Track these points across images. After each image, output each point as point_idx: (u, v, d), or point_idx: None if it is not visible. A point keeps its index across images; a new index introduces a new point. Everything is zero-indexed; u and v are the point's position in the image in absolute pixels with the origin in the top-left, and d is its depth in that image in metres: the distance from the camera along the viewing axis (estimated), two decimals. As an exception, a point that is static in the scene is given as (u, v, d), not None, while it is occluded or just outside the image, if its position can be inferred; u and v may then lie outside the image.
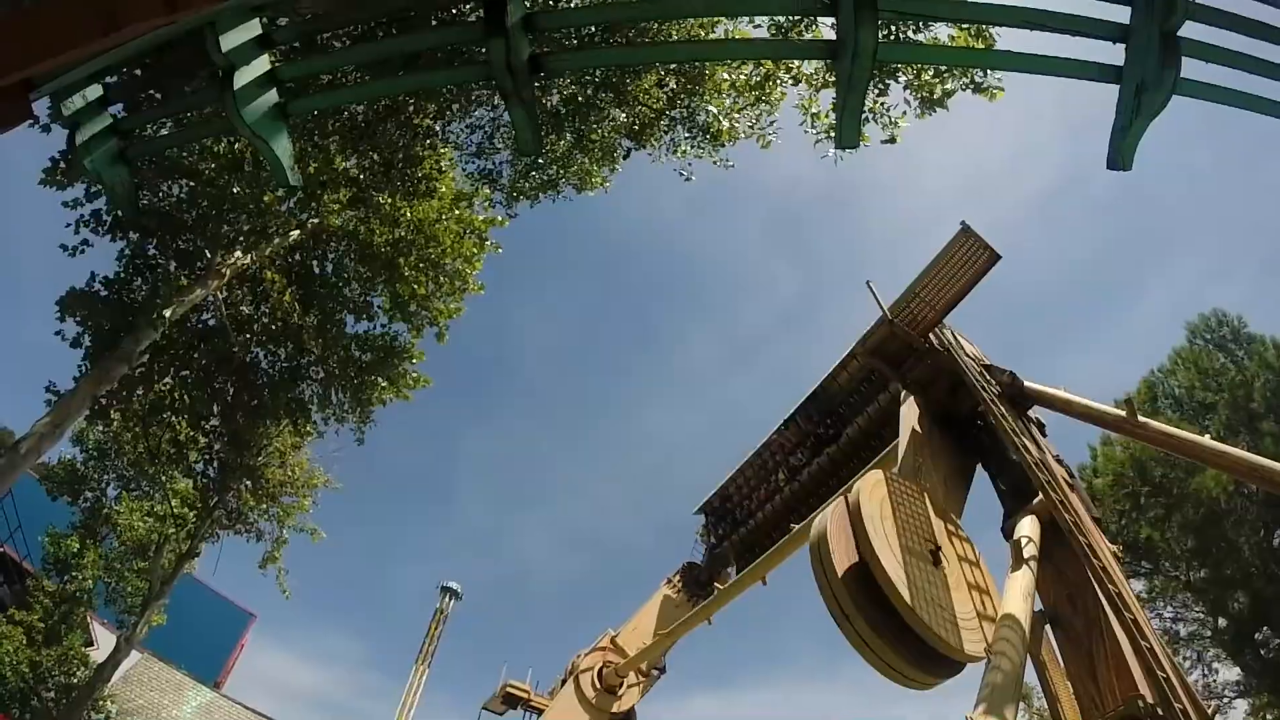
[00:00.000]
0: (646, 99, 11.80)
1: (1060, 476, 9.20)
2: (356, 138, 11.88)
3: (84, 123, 6.67)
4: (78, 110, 6.44)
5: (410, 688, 61.14)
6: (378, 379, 14.82)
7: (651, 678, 15.89)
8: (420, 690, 61.00)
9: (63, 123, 6.51)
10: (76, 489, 22.91)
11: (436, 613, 66.21)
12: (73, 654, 22.33)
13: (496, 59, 4.72)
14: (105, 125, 6.89)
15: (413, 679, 61.72)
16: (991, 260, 10.90)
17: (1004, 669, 6.43)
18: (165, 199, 13.58)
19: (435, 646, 63.96)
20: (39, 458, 11.32)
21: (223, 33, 5.39)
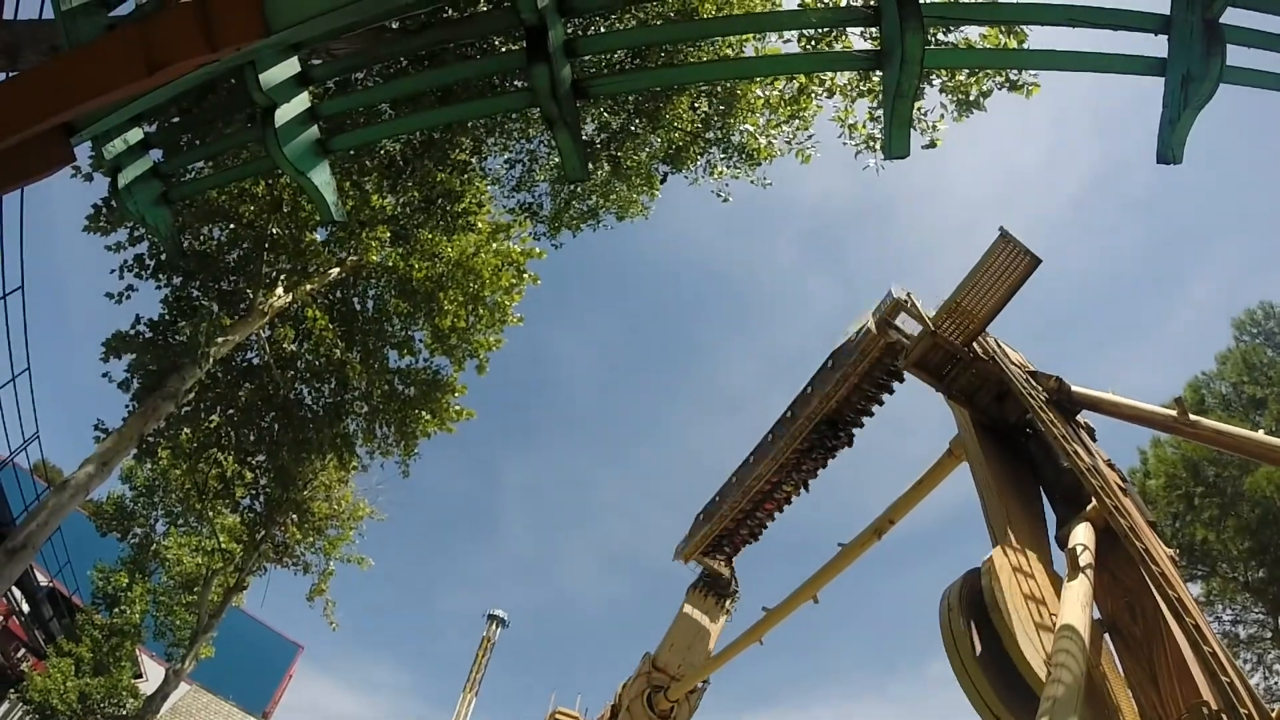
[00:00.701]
0: (680, 123, 11.76)
1: (1113, 481, 9.02)
2: (394, 175, 11.97)
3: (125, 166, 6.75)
4: (119, 154, 6.51)
5: (458, 716, 61.30)
6: (421, 412, 14.89)
7: (699, 691, 15.88)
8: (468, 718, 61.13)
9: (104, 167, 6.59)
10: (125, 525, 23.35)
11: (483, 640, 66.44)
12: (122, 686, 22.67)
13: (540, 85, 4.72)
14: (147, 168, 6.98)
15: (460, 707, 61.89)
16: (1032, 265, 10.74)
17: (1065, 681, 6.27)
18: (206, 242, 13.79)
19: (482, 674, 64.15)
20: (87, 495, 11.46)
21: (263, 71, 5.43)
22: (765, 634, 13.86)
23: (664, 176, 12.71)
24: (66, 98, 4.39)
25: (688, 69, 9.73)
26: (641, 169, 12.36)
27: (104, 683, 22.13)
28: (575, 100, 4.82)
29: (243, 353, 14.32)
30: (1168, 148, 4.48)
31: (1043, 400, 9.98)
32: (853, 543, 12.65)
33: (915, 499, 12.37)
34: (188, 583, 23.55)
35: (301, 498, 18.22)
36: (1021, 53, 8.63)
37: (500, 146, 12.76)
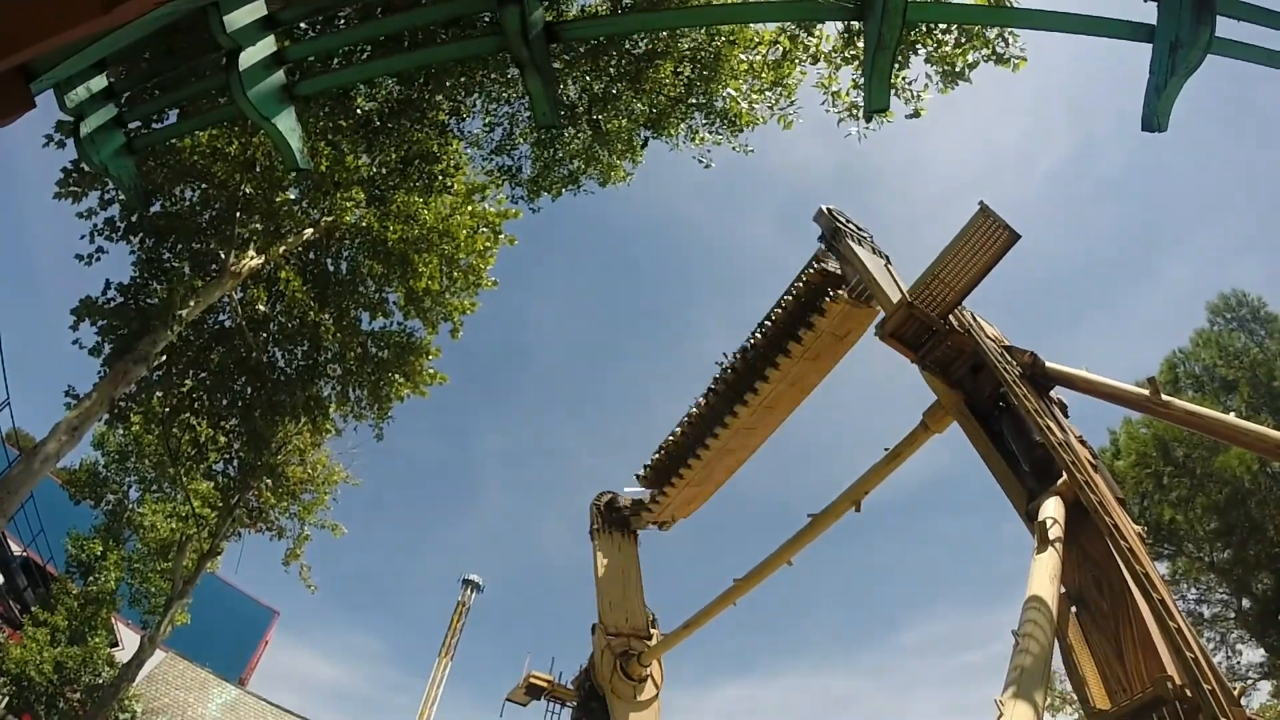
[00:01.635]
0: (663, 88, 11.63)
1: (1084, 457, 9.09)
2: (371, 135, 11.78)
3: (88, 114, 6.54)
4: (81, 102, 6.31)
5: (433, 680, 61.60)
6: (395, 375, 14.77)
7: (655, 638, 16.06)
8: (443, 683, 61.47)
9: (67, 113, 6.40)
10: (98, 492, 23.16)
11: (458, 605, 66.69)
12: (98, 654, 22.49)
13: (511, 27, 4.58)
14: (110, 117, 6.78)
15: (435, 672, 62.18)
16: (1011, 240, 10.73)
17: (1032, 651, 6.32)
18: (178, 202, 13.55)
19: (457, 639, 64.47)
20: (59, 461, 11.31)
21: (227, 13, 5.24)
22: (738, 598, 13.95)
23: (645, 141, 12.60)
24: (18, 38, 4.22)
25: (664, 14, 9.58)
26: (623, 134, 12.21)
27: (80, 652, 21.94)
28: (547, 44, 4.70)
29: (214, 315, 14.13)
30: (1153, 115, 4.44)
31: (1017, 375, 10.00)
32: (824, 512, 12.70)
33: (887, 470, 12.42)
34: (162, 549, 23.36)
35: (275, 462, 18.08)
36: (1008, 9, 8.51)
37: (480, 109, 12.61)
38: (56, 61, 4.94)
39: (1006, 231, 10.72)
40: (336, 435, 17.57)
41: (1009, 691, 5.82)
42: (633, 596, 16.47)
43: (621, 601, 16.19)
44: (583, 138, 12.37)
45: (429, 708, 59.76)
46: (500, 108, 12.74)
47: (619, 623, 15.81)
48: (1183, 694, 6.83)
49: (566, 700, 17.03)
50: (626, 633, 15.69)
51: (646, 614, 16.53)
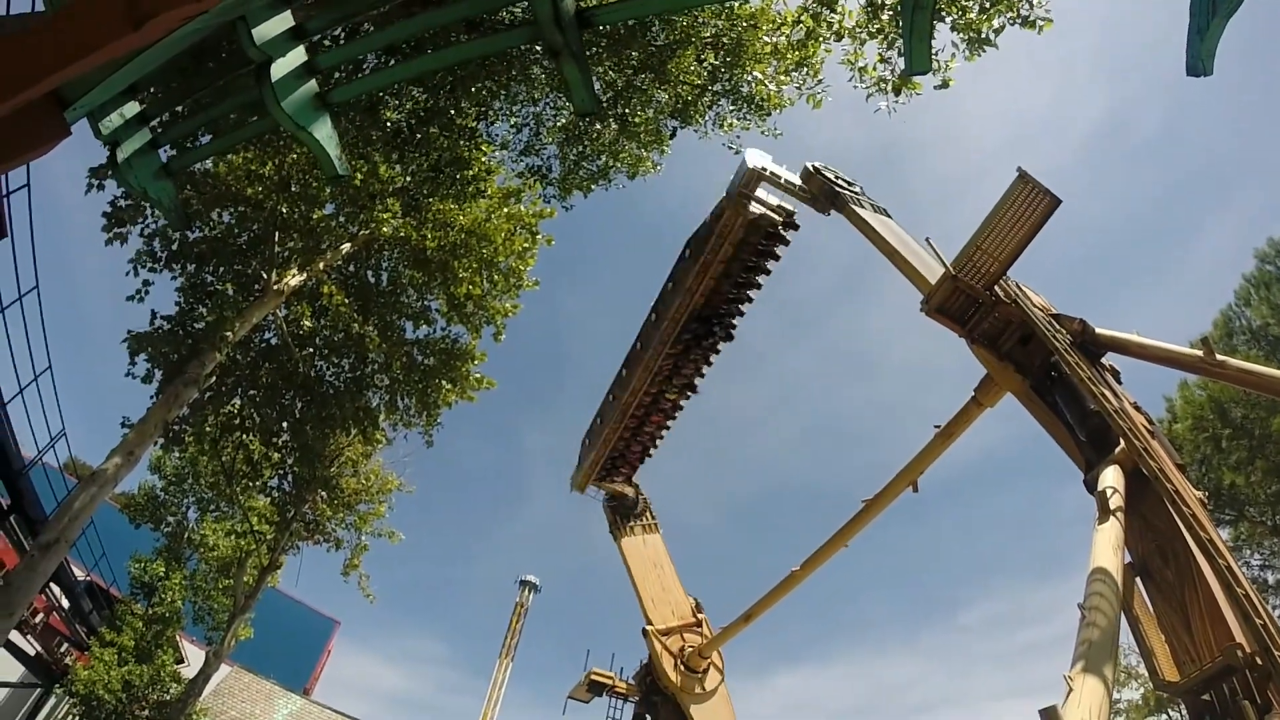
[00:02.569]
0: (687, 76, 11.55)
1: (1140, 424, 8.90)
2: (401, 145, 11.86)
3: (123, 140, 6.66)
4: (116, 129, 6.43)
5: (495, 682, 62.10)
6: (441, 382, 14.86)
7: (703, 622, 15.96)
8: (505, 684, 61.93)
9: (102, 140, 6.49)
10: (158, 515, 23.70)
11: (516, 606, 67.17)
12: (164, 672, 22.97)
13: (544, 15, 4.60)
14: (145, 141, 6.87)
15: (497, 673, 62.68)
16: (1052, 206, 10.52)
17: (1099, 624, 6.20)
18: (216, 226, 13.77)
19: (517, 640, 64.95)
20: (116, 485, 11.50)
21: (255, 25, 5.30)
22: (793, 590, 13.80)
23: (673, 132, 12.53)
24: (51, 61, 4.28)
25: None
26: (650, 125, 12.16)
27: (147, 670, 22.44)
28: (580, 29, 4.70)
29: (260, 333, 14.34)
30: (1197, 59, 4.33)
31: (1067, 343, 9.83)
32: (879, 495, 12.58)
33: (941, 449, 12.27)
34: (223, 567, 23.87)
35: (329, 474, 18.43)
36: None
37: (506, 111, 12.63)
38: (89, 87, 5.02)
39: (1047, 197, 10.52)
40: (387, 445, 17.78)
41: (1078, 666, 5.72)
42: (672, 587, 16.39)
43: (663, 596, 16.10)
44: (609, 132, 12.35)
45: (491, 709, 60.26)
46: (525, 109, 12.77)
47: (666, 618, 15.74)
48: (1253, 662, 6.69)
49: (629, 696, 17.07)
50: (676, 627, 15.63)
51: (689, 600, 16.47)
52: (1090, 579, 6.93)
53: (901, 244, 12.43)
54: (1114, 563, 7.14)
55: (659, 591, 16.19)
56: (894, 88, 10.80)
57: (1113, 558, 7.22)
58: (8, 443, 15.39)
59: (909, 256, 12.15)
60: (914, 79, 10.63)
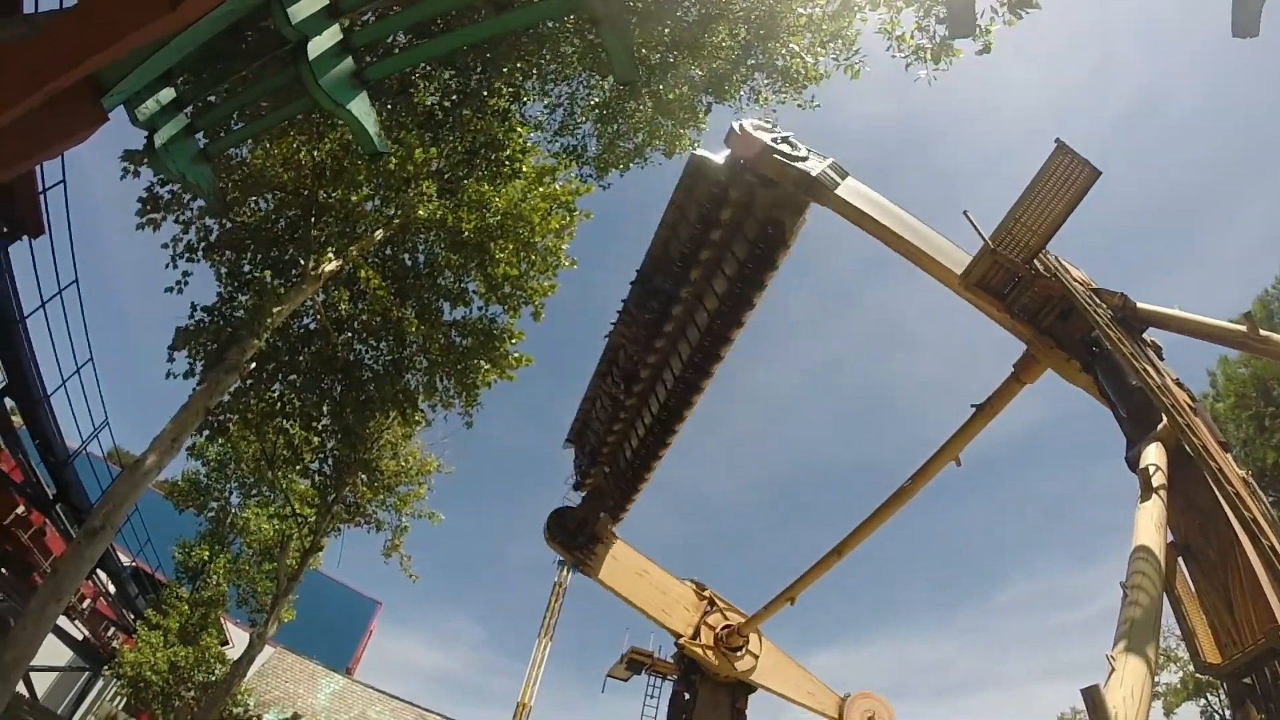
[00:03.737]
0: (720, 51, 11.43)
1: (1183, 401, 8.75)
2: (434, 128, 11.86)
3: (160, 126, 6.69)
4: (153, 115, 6.45)
5: (534, 661, 62.43)
6: (480, 362, 14.79)
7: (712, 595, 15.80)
8: (544, 664, 62.34)
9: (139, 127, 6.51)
10: (201, 500, 24.09)
11: (555, 586, 67.40)
12: (210, 653, 23.48)
13: None
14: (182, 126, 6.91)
15: (535, 653, 63.07)
16: (1091, 177, 10.29)
17: (1142, 604, 6.12)
18: (254, 214, 13.88)
19: (555, 619, 65.17)
20: (160, 472, 11.64)
21: (290, 4, 5.30)
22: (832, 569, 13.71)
23: (708, 108, 12.42)
24: (88, 46, 4.28)
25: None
26: (684, 102, 12.06)
27: (192, 652, 22.92)
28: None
29: (299, 319, 14.43)
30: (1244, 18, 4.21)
31: (1108, 317, 9.67)
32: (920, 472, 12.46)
33: (980, 426, 12.13)
34: (265, 550, 24.25)
35: (369, 457, 18.57)
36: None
37: (538, 91, 12.58)
38: (125, 71, 5.04)
39: (1086, 169, 10.31)
40: (427, 426, 17.84)
41: (1120, 645, 5.66)
42: (668, 585, 15.84)
43: (666, 599, 15.70)
44: (644, 110, 12.26)
45: (530, 688, 60.79)
46: (558, 88, 12.71)
47: (683, 618, 15.60)
48: None
49: (667, 674, 17.17)
50: (697, 620, 15.53)
51: (688, 585, 16.26)
52: (1132, 557, 6.85)
53: (907, 228, 12.05)
54: (1156, 541, 7.05)
55: (660, 597, 15.66)
56: (933, 55, 10.62)
57: (1155, 536, 7.13)
58: (52, 434, 15.73)
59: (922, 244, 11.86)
60: (954, 44, 10.43)
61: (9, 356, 13.82)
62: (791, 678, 15.79)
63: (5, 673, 9.16)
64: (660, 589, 15.72)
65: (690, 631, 15.45)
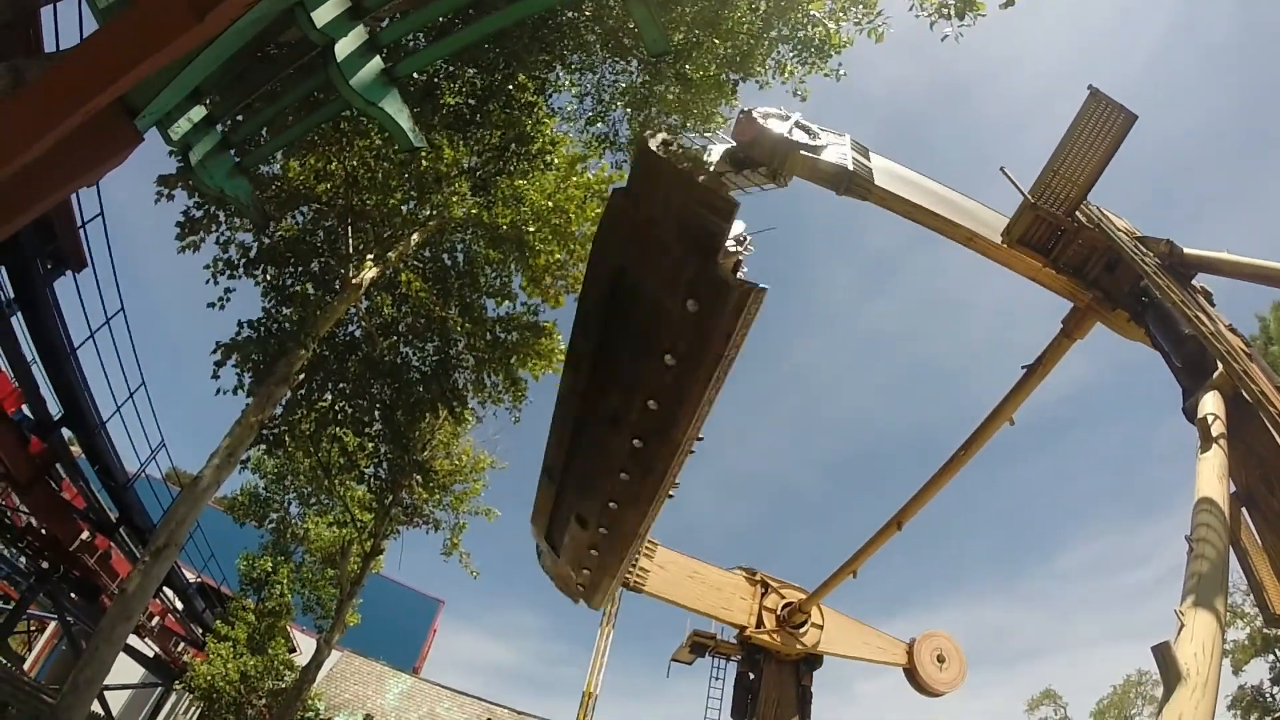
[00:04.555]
0: (742, 26, 11.32)
1: (1238, 346, 8.53)
2: (462, 127, 11.91)
3: (195, 143, 6.80)
4: (185, 133, 6.55)
5: (598, 649, 62.82)
6: (527, 356, 14.84)
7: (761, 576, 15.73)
8: (608, 651, 62.73)
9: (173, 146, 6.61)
10: (261, 513, 24.56)
11: (612, 572, 67.78)
12: (278, 661, 23.97)
13: None
14: (216, 142, 7.02)
15: (599, 641, 63.44)
16: (1128, 123, 10.09)
17: (1208, 557, 6.01)
18: (290, 229, 14.05)
19: (618, 607, 65.55)
20: (218, 488, 11.82)
21: (313, 9, 5.33)
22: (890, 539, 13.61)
23: (734, 84, 12.29)
24: (120, 64, 4.33)
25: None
26: (711, 80, 11.96)
27: (261, 661, 23.43)
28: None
29: (343, 327, 14.58)
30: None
31: (1156, 265, 9.47)
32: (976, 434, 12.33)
33: (1033, 385, 11.97)
34: (327, 557, 24.60)
35: (422, 459, 18.80)
36: None
37: (566, 82, 12.59)
38: (155, 90, 5.10)
39: (1122, 114, 10.11)
40: (477, 424, 17.97)
41: (1188, 600, 5.60)
42: (721, 581, 15.86)
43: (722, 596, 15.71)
44: (672, 92, 12.17)
45: (595, 676, 61.18)
46: (585, 77, 12.68)
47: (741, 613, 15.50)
48: None
49: (730, 655, 17.15)
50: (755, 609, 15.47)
51: (739, 574, 16.15)
52: (1196, 510, 6.74)
53: (947, 204, 11.85)
54: (1220, 492, 6.92)
55: (715, 594, 15.73)
56: (957, 10, 10.42)
57: (1218, 487, 6.99)
58: (110, 459, 16.10)
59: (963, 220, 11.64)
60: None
61: (63, 388, 14.14)
62: (858, 638, 15.84)
63: (80, 693, 9.40)
64: (714, 586, 15.71)
65: (752, 619, 15.45)
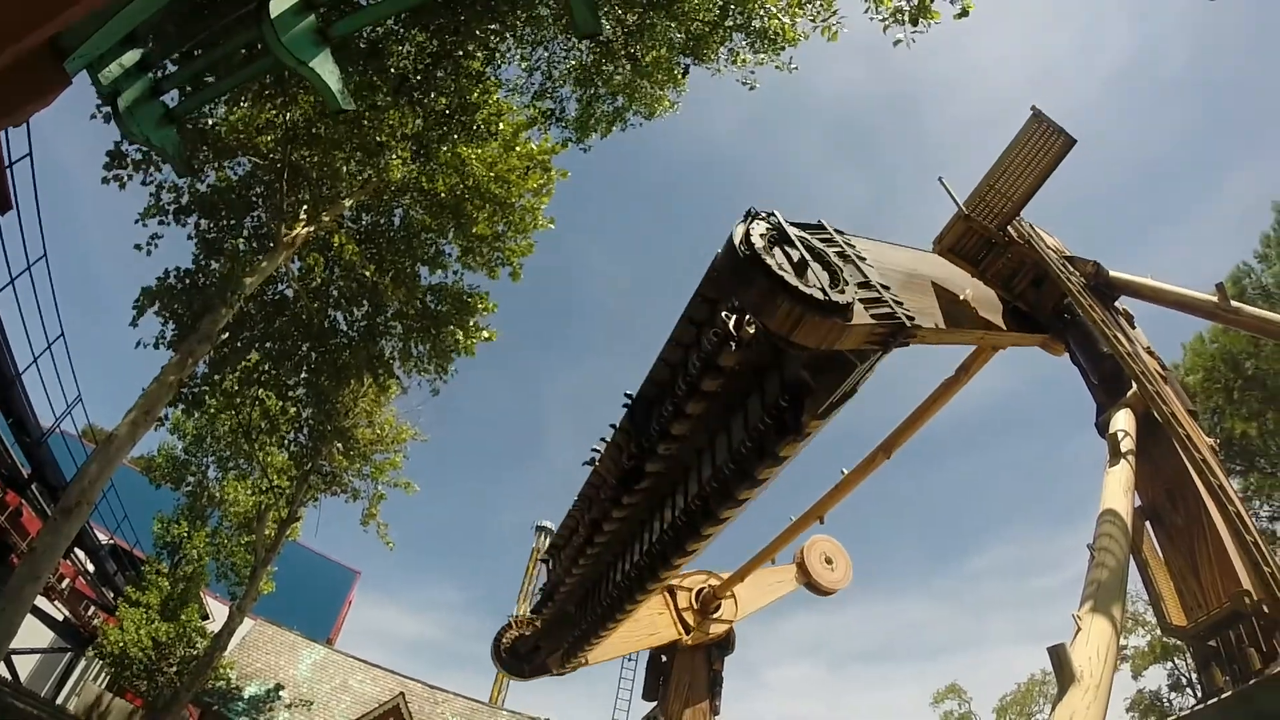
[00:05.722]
0: (698, 13, 11.30)
1: (1153, 368, 8.86)
2: (409, 91, 11.66)
3: (125, 89, 6.54)
4: (116, 78, 6.31)
5: (515, 627, 62.88)
6: (454, 329, 14.63)
7: None
8: (524, 629, 62.67)
9: (103, 91, 6.38)
10: (178, 475, 23.95)
11: (533, 552, 67.76)
12: (191, 628, 23.37)
13: None
14: (147, 89, 6.76)
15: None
16: (1067, 145, 10.32)
17: (1108, 565, 6.21)
18: (225, 179, 13.62)
19: (534, 585, 65.55)
20: (134, 446, 11.47)
21: None
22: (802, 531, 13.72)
23: (686, 70, 12.27)
24: (52, 4, 4.16)
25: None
26: (663, 64, 11.91)
27: (174, 628, 22.88)
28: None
29: (273, 285, 14.23)
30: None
31: (1080, 284, 9.74)
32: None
33: (952, 392, 12.14)
34: (244, 523, 24.17)
35: (344, 425, 18.64)
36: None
37: (514, 54, 12.42)
38: (88, 33, 4.90)
39: (1062, 137, 10.34)
40: (402, 393, 17.74)
41: (1086, 606, 5.76)
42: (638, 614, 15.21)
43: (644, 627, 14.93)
44: (623, 73, 12.10)
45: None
46: (535, 51, 12.54)
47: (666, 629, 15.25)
48: (1260, 609, 6.69)
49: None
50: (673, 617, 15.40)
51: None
52: (1100, 520, 6.96)
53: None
54: (1124, 505, 7.16)
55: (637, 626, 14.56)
56: (910, 17, 10.54)
57: (1123, 500, 7.24)
58: (25, 412, 15.46)
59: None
60: (932, 6, 10.35)
61: (-22, 336, 13.50)
62: (762, 586, 15.96)
63: (-14, 656, 9.05)
64: (633, 619, 15.01)
65: (679, 628, 15.33)
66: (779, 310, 5.62)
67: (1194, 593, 7.48)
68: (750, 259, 5.70)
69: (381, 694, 29.79)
